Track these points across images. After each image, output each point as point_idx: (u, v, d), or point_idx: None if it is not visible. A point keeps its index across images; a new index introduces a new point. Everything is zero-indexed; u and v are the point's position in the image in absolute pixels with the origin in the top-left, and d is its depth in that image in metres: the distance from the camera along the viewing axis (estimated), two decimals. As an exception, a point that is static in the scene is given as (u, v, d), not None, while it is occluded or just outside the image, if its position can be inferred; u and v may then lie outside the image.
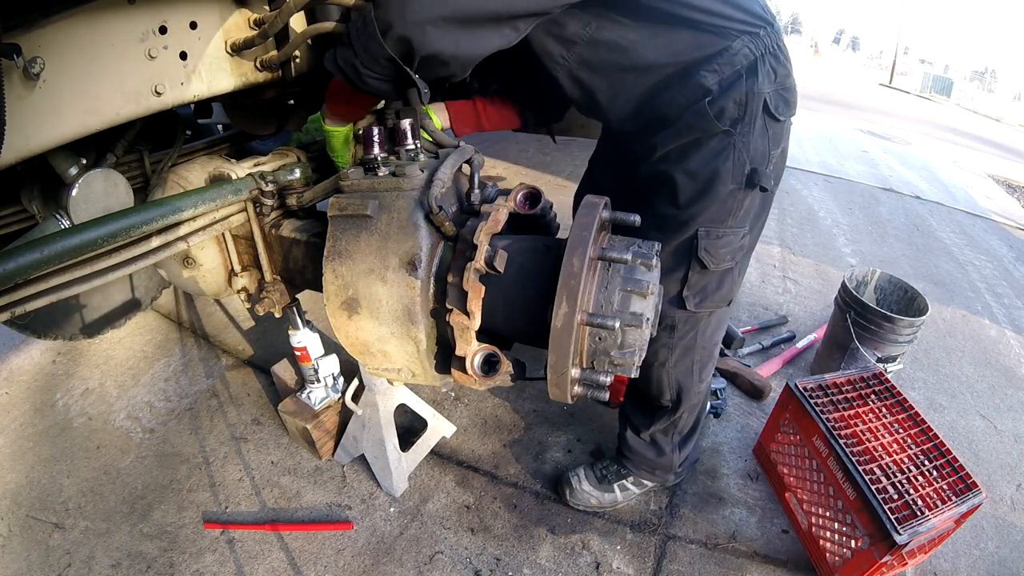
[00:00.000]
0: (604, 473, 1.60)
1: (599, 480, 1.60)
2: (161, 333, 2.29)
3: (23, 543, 1.49)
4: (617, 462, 1.61)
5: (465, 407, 1.96)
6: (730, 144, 1.11)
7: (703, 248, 1.19)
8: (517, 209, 0.94)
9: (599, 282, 0.85)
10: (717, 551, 1.53)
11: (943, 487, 1.36)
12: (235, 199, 1.05)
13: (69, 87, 0.84)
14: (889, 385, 1.65)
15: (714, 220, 1.18)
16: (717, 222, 1.19)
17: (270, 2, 1.08)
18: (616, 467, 1.60)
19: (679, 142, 1.15)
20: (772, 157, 1.16)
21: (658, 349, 1.33)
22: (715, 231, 1.19)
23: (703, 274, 1.22)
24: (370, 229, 0.94)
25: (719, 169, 1.13)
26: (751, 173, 1.14)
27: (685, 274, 1.23)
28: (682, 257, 1.22)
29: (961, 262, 3.47)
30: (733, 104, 1.08)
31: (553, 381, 0.84)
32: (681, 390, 1.40)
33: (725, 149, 1.12)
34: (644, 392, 1.44)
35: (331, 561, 1.45)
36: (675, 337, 1.31)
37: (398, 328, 0.95)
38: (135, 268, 0.96)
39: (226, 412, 1.91)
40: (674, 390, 1.39)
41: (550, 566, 1.47)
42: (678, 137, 1.15)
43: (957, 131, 10.53)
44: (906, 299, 2.13)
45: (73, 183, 1.07)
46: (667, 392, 1.39)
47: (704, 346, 1.36)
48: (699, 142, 1.13)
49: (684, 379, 1.38)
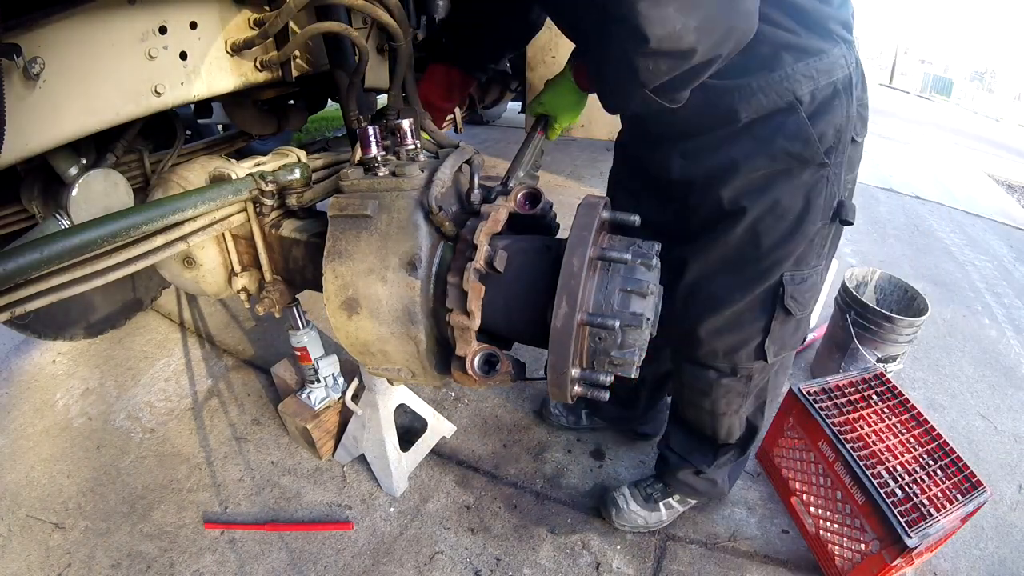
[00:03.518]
0: (650, 492, 1.55)
1: (645, 500, 1.54)
2: (161, 333, 2.29)
3: (23, 543, 1.49)
4: (662, 481, 1.55)
5: (465, 407, 1.96)
6: (823, 177, 0.96)
7: (789, 296, 1.05)
8: (517, 209, 0.94)
9: (599, 282, 0.85)
10: (717, 551, 1.52)
11: (949, 487, 1.36)
12: (235, 199, 1.05)
13: (69, 87, 0.84)
14: (891, 386, 1.65)
15: (800, 262, 1.04)
16: (803, 264, 1.05)
17: (270, 2, 1.08)
18: (662, 485, 1.55)
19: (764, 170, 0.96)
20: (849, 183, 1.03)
21: (731, 399, 1.23)
22: (800, 275, 1.05)
23: (786, 321, 1.09)
24: (370, 229, 0.94)
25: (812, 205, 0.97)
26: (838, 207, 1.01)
27: (767, 324, 1.08)
28: (764, 306, 1.07)
29: (961, 262, 3.47)
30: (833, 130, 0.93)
31: (553, 381, 0.84)
32: (753, 429, 1.36)
33: (819, 183, 0.96)
34: (709, 435, 1.36)
35: (331, 561, 1.45)
36: (751, 386, 1.22)
37: (398, 328, 0.95)
38: (135, 268, 0.96)
39: (226, 412, 1.91)
40: (743, 429, 1.35)
41: (550, 566, 1.47)
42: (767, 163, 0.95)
43: (957, 131, 10.53)
44: (906, 299, 2.13)
45: (73, 183, 1.07)
46: (737, 433, 1.35)
47: (775, 387, 1.29)
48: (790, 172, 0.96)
49: (756, 420, 1.34)
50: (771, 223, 0.98)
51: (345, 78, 1.20)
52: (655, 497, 1.54)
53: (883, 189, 4.76)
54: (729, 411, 1.26)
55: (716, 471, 1.44)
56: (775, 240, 1.00)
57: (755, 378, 1.19)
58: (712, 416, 1.29)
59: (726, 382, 1.19)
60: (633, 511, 1.54)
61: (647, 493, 1.55)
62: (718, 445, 1.39)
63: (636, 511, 1.53)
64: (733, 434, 1.34)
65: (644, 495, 1.55)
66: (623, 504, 1.54)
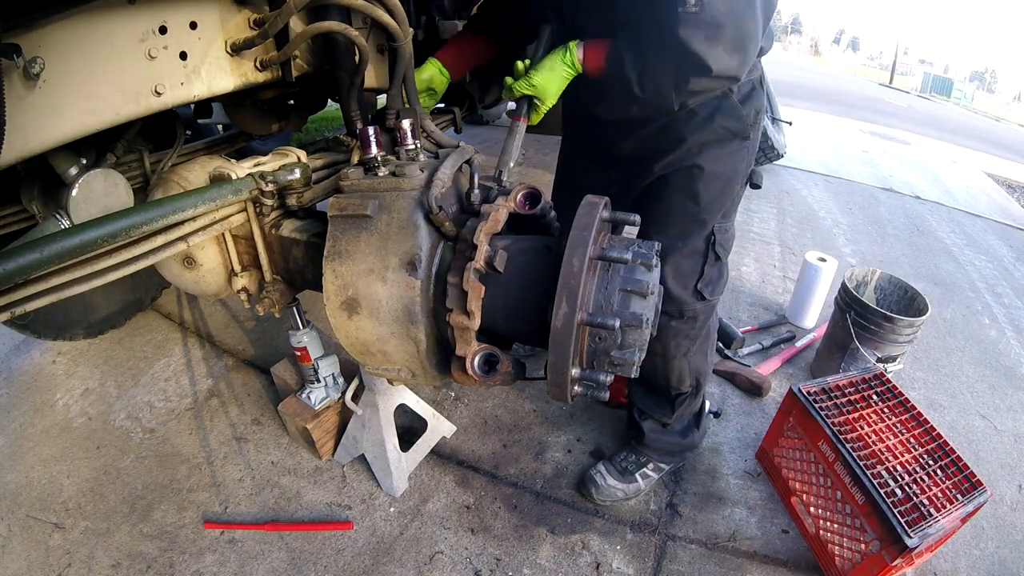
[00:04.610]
0: (624, 465, 1.64)
1: (621, 473, 1.63)
2: (161, 333, 2.29)
3: (23, 543, 1.49)
4: (635, 451, 1.65)
5: (465, 407, 1.96)
6: (746, 148, 1.26)
7: (719, 243, 1.31)
8: (517, 209, 0.94)
9: (599, 282, 0.85)
10: (717, 551, 1.52)
11: (949, 487, 1.36)
12: (235, 199, 1.05)
13: (69, 87, 0.84)
14: (891, 386, 1.65)
15: (726, 216, 1.32)
16: (727, 217, 1.33)
17: (270, 2, 1.08)
18: (635, 457, 1.65)
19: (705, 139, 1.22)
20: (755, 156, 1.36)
21: (680, 341, 1.41)
22: (724, 226, 1.32)
23: (715, 265, 1.34)
24: (370, 229, 0.94)
25: (737, 170, 1.26)
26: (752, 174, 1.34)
27: (702, 267, 1.32)
28: (699, 251, 1.31)
29: (961, 262, 3.47)
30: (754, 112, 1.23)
31: (553, 381, 0.84)
32: (700, 375, 1.51)
33: (742, 151, 1.25)
34: (663, 384, 1.51)
35: (331, 561, 1.45)
36: (696, 327, 1.40)
37: (398, 328, 0.95)
38: (135, 268, 0.96)
39: (226, 412, 1.91)
40: (694, 376, 1.50)
41: (550, 566, 1.47)
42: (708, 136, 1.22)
43: (957, 131, 10.53)
44: (906, 299, 2.13)
45: (73, 183, 1.06)
46: (687, 379, 1.49)
47: (712, 331, 1.50)
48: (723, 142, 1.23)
49: (702, 365, 1.50)
50: (708, 184, 1.23)
51: (345, 78, 1.20)
52: (630, 469, 1.63)
53: (883, 189, 4.77)
54: (679, 353, 1.43)
55: (678, 421, 1.60)
56: (710, 198, 1.25)
57: (698, 319, 1.38)
58: (664, 360, 1.44)
59: (675, 324, 1.38)
60: (612, 485, 1.61)
61: (622, 467, 1.64)
62: (672, 396, 1.54)
63: (614, 485, 1.61)
64: (684, 380, 1.49)
65: (620, 469, 1.64)
66: (601, 480, 1.62)
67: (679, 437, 1.63)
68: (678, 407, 1.56)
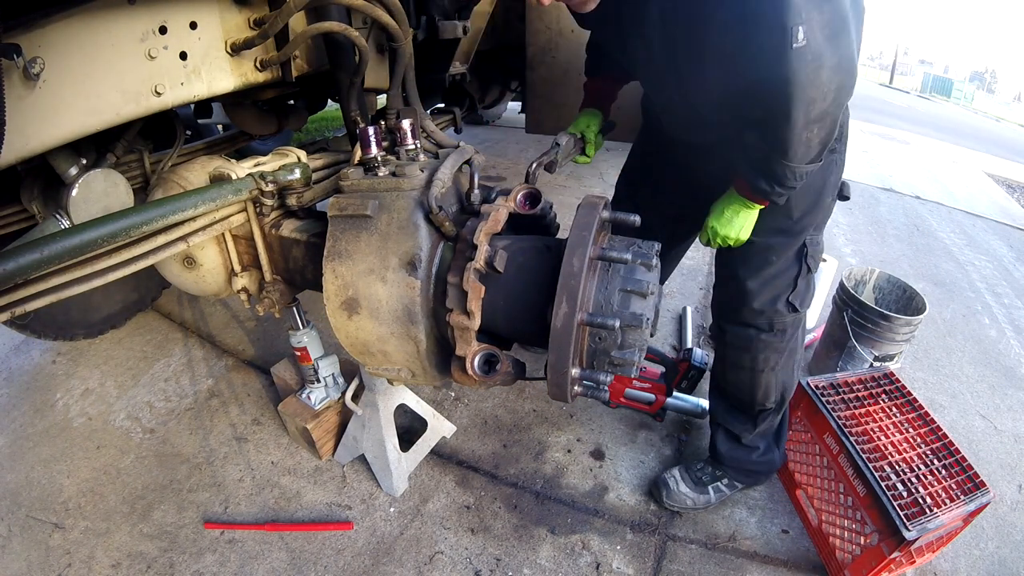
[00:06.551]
0: (700, 476, 1.62)
1: (695, 482, 1.61)
2: (161, 333, 2.29)
3: (23, 543, 1.49)
4: (712, 465, 1.63)
5: (465, 407, 1.96)
6: (835, 161, 1.22)
7: (810, 255, 1.30)
8: (517, 209, 0.94)
9: (599, 282, 0.85)
10: (717, 551, 1.53)
11: (951, 485, 1.37)
12: (235, 199, 1.05)
13: (69, 87, 0.84)
14: (900, 385, 1.66)
15: (817, 228, 1.30)
16: (819, 230, 1.31)
17: (270, 2, 1.08)
18: (711, 469, 1.63)
19: None
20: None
21: (769, 355, 1.39)
22: (816, 238, 1.31)
23: (806, 278, 1.33)
24: (370, 229, 0.94)
25: (828, 182, 1.23)
26: (842, 186, 1.29)
27: (795, 279, 1.31)
28: (792, 264, 1.30)
29: (961, 262, 3.47)
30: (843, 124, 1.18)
31: (553, 381, 0.84)
32: (785, 389, 1.47)
33: (831, 163, 1.21)
34: (748, 400, 1.48)
35: (331, 561, 1.45)
36: (785, 340, 1.38)
37: (398, 328, 0.95)
38: (135, 268, 0.96)
39: (226, 412, 1.91)
40: (779, 391, 1.46)
41: (550, 566, 1.47)
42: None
43: (957, 131, 10.53)
44: (905, 298, 2.13)
45: (73, 183, 1.07)
46: (773, 394, 1.45)
47: (799, 345, 1.46)
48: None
49: (788, 379, 1.46)
50: (800, 196, 1.20)
51: (345, 78, 1.20)
52: (704, 480, 1.62)
53: (883, 189, 4.76)
54: (767, 367, 1.40)
55: (759, 439, 1.55)
56: (803, 210, 1.23)
57: (787, 332, 1.37)
58: (752, 373, 1.42)
59: (764, 337, 1.37)
60: (683, 493, 1.61)
61: (697, 477, 1.63)
62: (756, 411, 1.50)
63: (686, 493, 1.61)
64: (770, 395, 1.45)
65: (695, 479, 1.63)
66: (674, 486, 1.62)
67: (759, 455, 1.58)
68: (760, 423, 1.52)
